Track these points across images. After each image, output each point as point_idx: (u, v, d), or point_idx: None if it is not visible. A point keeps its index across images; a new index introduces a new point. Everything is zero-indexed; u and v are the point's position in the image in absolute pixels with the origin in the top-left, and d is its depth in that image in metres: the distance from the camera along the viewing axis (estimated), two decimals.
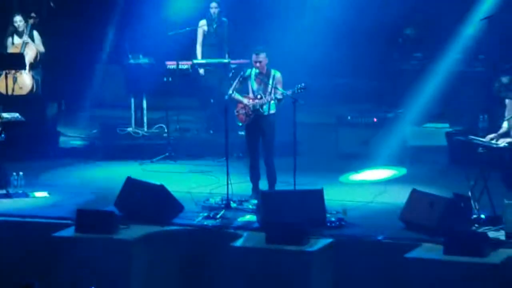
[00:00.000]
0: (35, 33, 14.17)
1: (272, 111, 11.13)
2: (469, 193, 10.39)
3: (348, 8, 15.26)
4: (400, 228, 10.21)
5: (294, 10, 15.28)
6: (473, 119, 12.75)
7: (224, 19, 14.21)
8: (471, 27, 14.18)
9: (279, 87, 11.05)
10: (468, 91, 14.13)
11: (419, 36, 14.94)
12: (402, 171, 12.73)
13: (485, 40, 13.78)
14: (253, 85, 11.19)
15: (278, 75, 11.14)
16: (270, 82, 11.07)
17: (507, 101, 10.65)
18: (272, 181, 11.26)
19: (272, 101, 11.07)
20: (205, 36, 14.22)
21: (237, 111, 11.21)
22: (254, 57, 11.08)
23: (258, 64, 11.08)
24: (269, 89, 11.08)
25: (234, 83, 11.23)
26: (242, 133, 11.85)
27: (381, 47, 15.59)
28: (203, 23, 14.19)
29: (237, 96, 11.18)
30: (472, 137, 10.79)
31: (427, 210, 10.03)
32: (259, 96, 11.12)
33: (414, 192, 10.41)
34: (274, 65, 11.33)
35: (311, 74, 15.65)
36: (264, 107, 11.09)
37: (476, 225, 10.07)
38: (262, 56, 11.06)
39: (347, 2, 15.18)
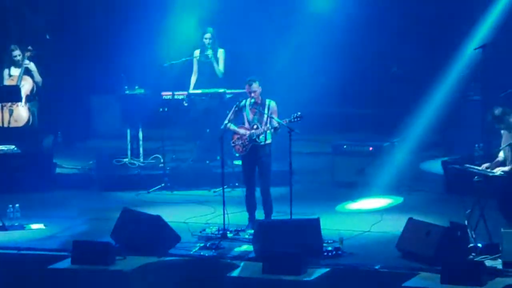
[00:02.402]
0: (32, 65, 14.22)
1: (268, 141, 11.16)
2: (466, 222, 10.38)
3: (343, 38, 15.35)
4: (397, 257, 10.19)
5: (291, 40, 15.36)
6: (469, 148, 12.80)
7: (219, 48, 14.26)
8: (466, 56, 14.26)
9: (275, 116, 11.09)
10: (464, 120, 14.17)
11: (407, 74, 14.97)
12: (399, 200, 12.73)
13: (480, 68, 13.82)
14: (248, 115, 11.23)
15: (273, 104, 11.19)
16: (266, 111, 11.10)
17: (502, 131, 10.68)
18: (268, 210, 11.25)
19: (268, 131, 11.10)
20: (199, 65, 14.29)
21: (233, 142, 11.24)
22: (247, 87, 11.16)
23: (253, 94, 11.14)
24: (264, 119, 11.12)
25: (229, 114, 11.27)
26: (238, 162, 11.86)
27: (376, 76, 15.66)
28: (197, 53, 14.26)
29: (232, 126, 11.21)
30: (468, 165, 10.80)
31: (424, 238, 10.02)
32: (255, 126, 11.15)
33: (410, 220, 10.40)
34: (270, 95, 11.37)
35: (307, 104, 15.72)
36: (261, 137, 11.12)
37: (473, 254, 10.06)
38: (255, 86, 11.14)
39: (342, 32, 15.27)
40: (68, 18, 16.09)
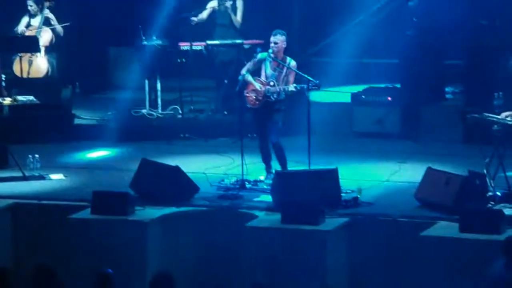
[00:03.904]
0: (51, 15, 14.19)
1: (281, 98, 11.05)
2: (485, 171, 10.36)
3: None
4: (415, 207, 10.20)
5: None
6: (488, 96, 12.72)
7: None
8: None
9: (292, 77, 10.96)
10: (483, 67, 14.05)
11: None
12: (417, 149, 12.66)
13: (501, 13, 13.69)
14: (267, 69, 11.11)
15: (293, 63, 11.02)
16: (285, 70, 10.96)
17: None
18: (283, 162, 11.19)
19: (282, 91, 10.95)
20: (217, 16, 14.21)
21: (247, 92, 11.13)
22: (272, 37, 10.99)
23: (273, 45, 10.98)
24: (282, 77, 11.00)
25: (248, 64, 11.20)
26: None
27: (394, 25, 15.52)
28: (213, 3, 14.16)
29: (250, 78, 11.13)
30: (487, 114, 10.75)
31: (443, 188, 10.01)
32: (271, 83, 11.04)
33: (429, 170, 10.38)
34: (288, 48, 11.22)
35: (326, 53, 15.64)
36: (274, 95, 11.01)
37: (492, 203, 10.06)
38: (279, 38, 10.95)
39: None
40: None
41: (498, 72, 13.12)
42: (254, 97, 11.08)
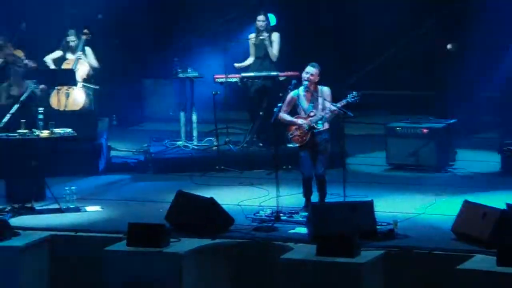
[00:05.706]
0: (88, 49, 14.35)
1: (326, 126, 11.05)
2: None
3: (397, 20, 15.24)
4: (452, 240, 10.12)
5: (342, 22, 15.30)
6: None
7: (274, 32, 14.22)
8: None
9: (328, 100, 10.97)
10: None
11: (462, 51, 14.81)
12: (454, 181, 12.60)
13: None
14: (303, 103, 11.11)
15: (326, 89, 11.06)
16: (320, 99, 10.98)
17: None
18: (323, 195, 11.18)
19: (326, 115, 10.93)
20: (254, 48, 14.29)
21: (291, 134, 11.11)
22: (308, 68, 10.98)
23: (308, 76, 10.95)
24: (320, 106, 11.01)
25: (283, 105, 11.11)
26: (291, 145, 11.79)
27: (431, 57, 15.53)
28: (252, 36, 14.27)
29: (288, 118, 11.10)
30: None
31: (480, 221, 9.93)
32: (311, 113, 11.03)
33: (466, 203, 10.31)
34: (322, 78, 11.27)
35: (358, 86, 15.66)
36: (319, 123, 11.00)
37: None
38: (314, 71, 10.98)
39: (396, 15, 15.17)
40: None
41: None
42: (299, 134, 11.03)
